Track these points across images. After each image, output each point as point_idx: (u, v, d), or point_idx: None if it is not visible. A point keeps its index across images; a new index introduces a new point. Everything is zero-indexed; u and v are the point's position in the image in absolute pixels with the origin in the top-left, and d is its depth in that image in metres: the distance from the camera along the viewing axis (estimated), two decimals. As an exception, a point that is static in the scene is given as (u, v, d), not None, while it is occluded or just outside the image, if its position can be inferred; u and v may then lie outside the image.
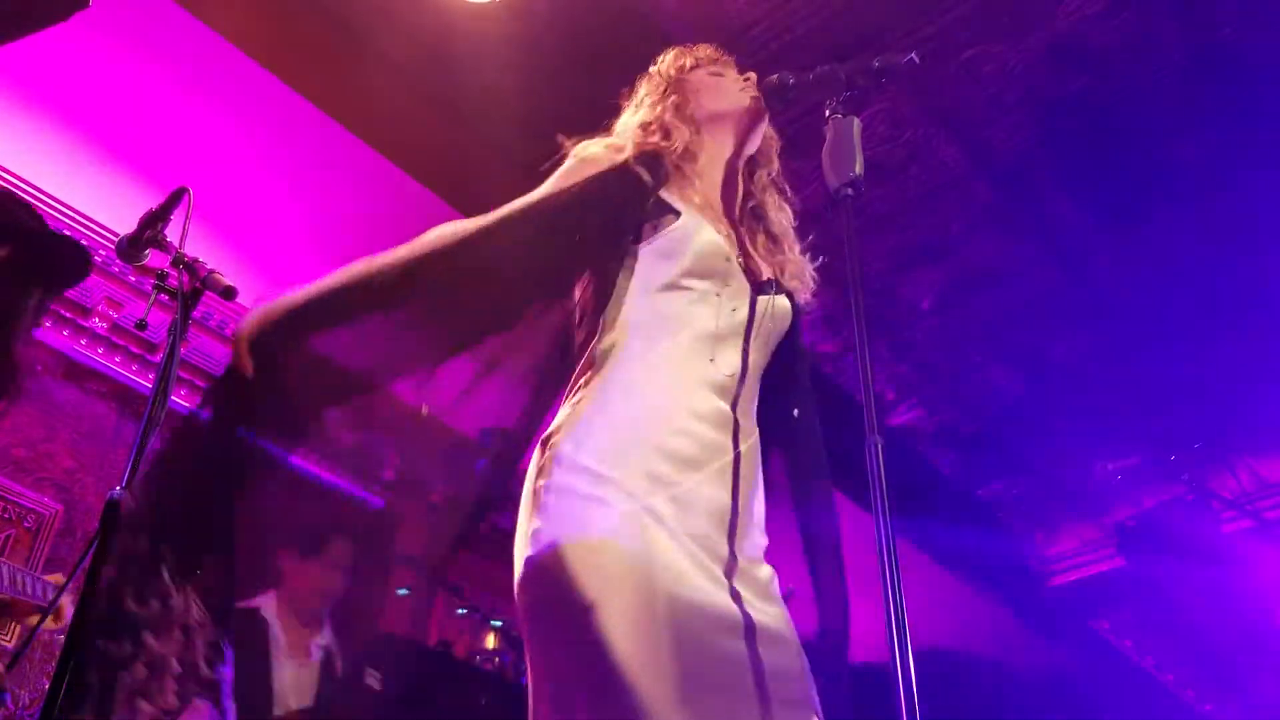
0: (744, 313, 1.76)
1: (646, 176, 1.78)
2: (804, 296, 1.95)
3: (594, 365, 1.70)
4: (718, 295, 1.74)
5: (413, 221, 4.27)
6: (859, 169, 1.67)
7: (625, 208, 1.75)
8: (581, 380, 1.72)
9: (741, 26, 3.56)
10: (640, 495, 1.52)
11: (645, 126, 1.90)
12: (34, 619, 2.46)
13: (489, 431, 5.61)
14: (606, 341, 1.71)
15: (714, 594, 1.51)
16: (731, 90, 1.97)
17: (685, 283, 1.72)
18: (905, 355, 5.05)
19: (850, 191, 1.67)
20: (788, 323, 1.85)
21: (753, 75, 2.01)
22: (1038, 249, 4.45)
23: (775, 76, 1.91)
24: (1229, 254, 4.34)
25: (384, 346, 1.74)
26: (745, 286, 1.79)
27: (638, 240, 1.75)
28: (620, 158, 1.81)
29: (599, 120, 2.08)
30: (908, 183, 4.18)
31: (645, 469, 1.55)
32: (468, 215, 4.20)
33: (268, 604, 3.41)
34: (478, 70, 3.57)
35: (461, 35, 3.46)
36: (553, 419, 1.72)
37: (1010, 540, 6.20)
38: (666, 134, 1.88)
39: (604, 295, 1.71)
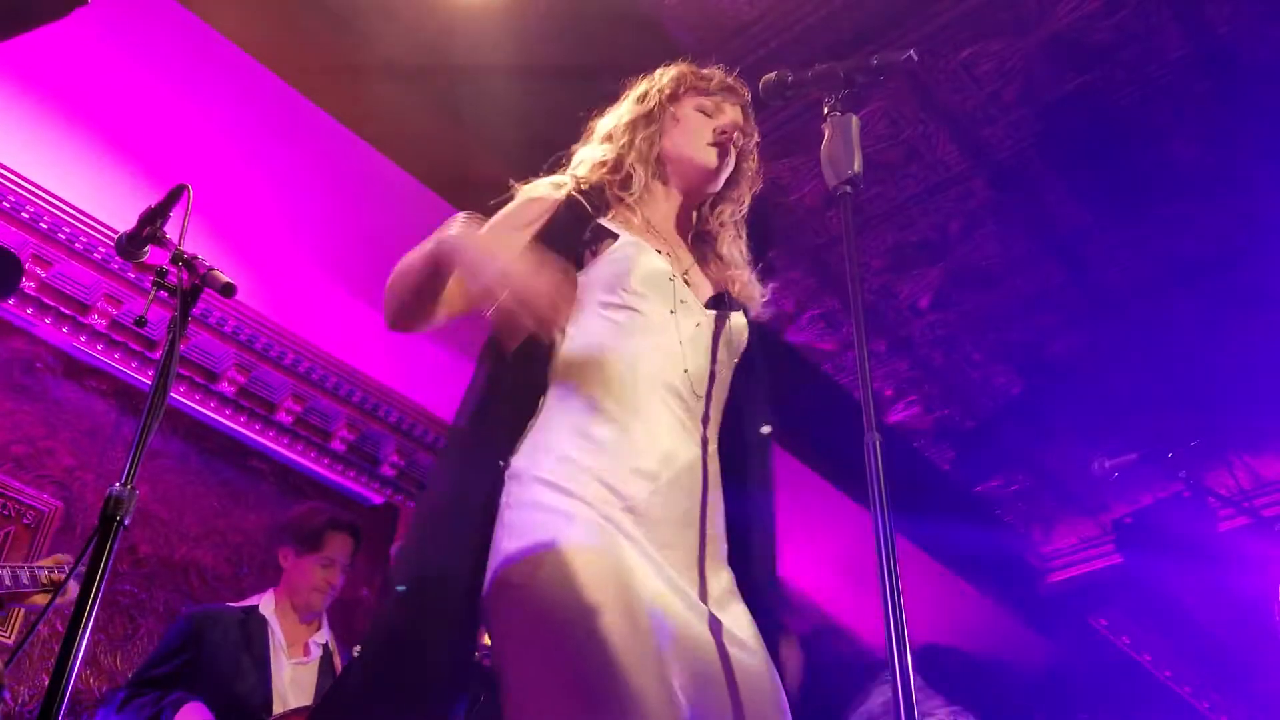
0: (694, 328, 1.78)
1: (586, 205, 1.83)
2: (755, 311, 1.95)
3: (545, 386, 1.72)
4: (671, 313, 1.76)
5: (412, 219, 4.29)
6: (858, 167, 1.67)
7: (566, 235, 1.79)
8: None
9: (740, 25, 3.56)
10: (598, 505, 1.54)
11: (598, 163, 1.93)
12: (39, 598, 2.51)
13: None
14: (555, 363, 1.73)
15: (682, 609, 1.53)
16: (703, 140, 1.95)
17: (631, 302, 1.74)
18: (903, 353, 5.06)
19: (849, 189, 1.67)
20: (744, 336, 1.86)
21: (731, 127, 1.97)
22: (1036, 247, 4.45)
23: (774, 74, 1.91)
24: (1228, 251, 4.35)
25: None
26: (694, 304, 1.81)
27: (580, 267, 1.78)
28: (562, 193, 1.86)
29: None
30: (906, 181, 4.18)
31: (601, 481, 1.57)
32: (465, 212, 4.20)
33: (266, 602, 3.41)
34: (477, 68, 3.57)
35: (461, 33, 3.46)
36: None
37: (1008, 537, 6.21)
38: (616, 168, 1.92)
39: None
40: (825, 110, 1.77)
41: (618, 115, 2.01)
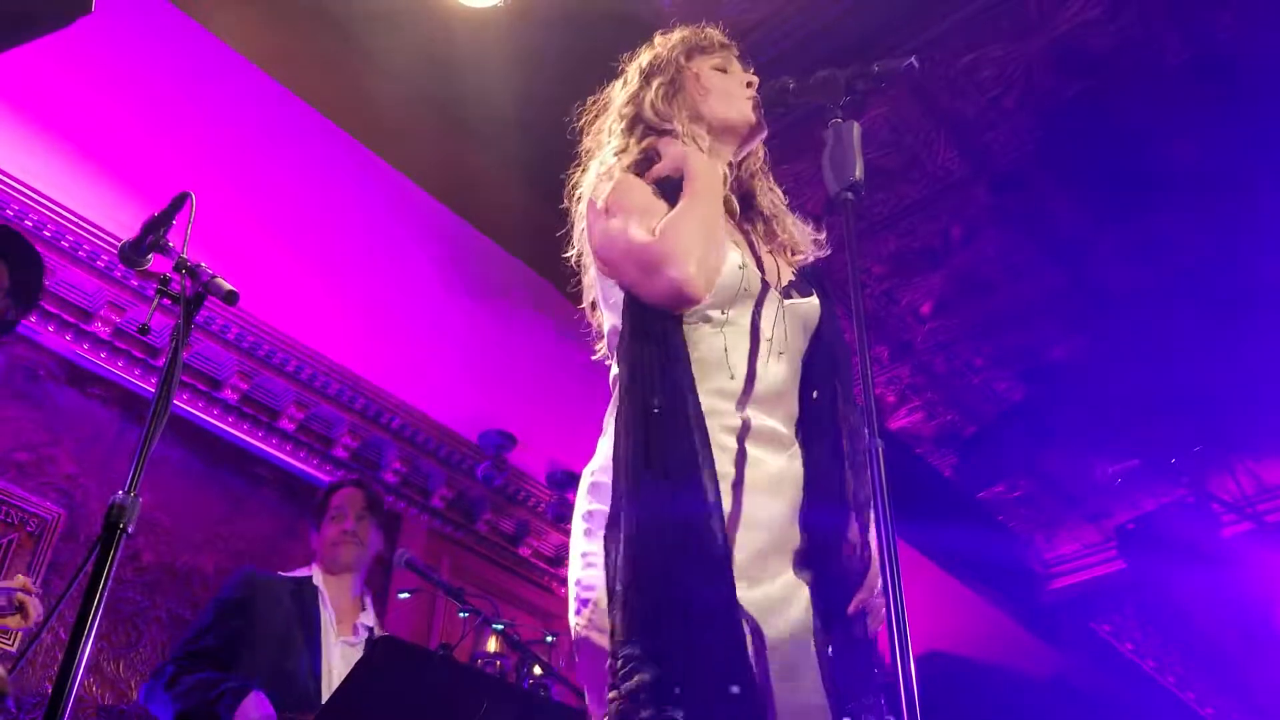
0: (761, 323, 1.74)
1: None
2: (815, 256, 1.95)
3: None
4: (728, 313, 1.72)
5: (414, 226, 4.32)
6: (859, 173, 1.67)
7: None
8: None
9: (741, 31, 3.55)
10: None
11: (636, 143, 1.88)
12: (10, 620, 2.47)
13: (488, 434, 5.65)
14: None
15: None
16: (737, 96, 1.94)
17: (708, 311, 1.70)
18: (905, 359, 5.06)
19: (850, 196, 1.67)
20: (815, 318, 1.82)
21: (755, 79, 2.01)
22: (1037, 252, 4.45)
23: (775, 81, 1.91)
24: (1229, 257, 4.35)
25: None
26: (762, 293, 1.77)
27: None
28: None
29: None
30: (908, 187, 4.19)
31: None
32: (468, 220, 4.23)
33: (315, 573, 3.40)
34: (478, 75, 3.58)
35: (462, 40, 3.47)
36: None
37: (1011, 543, 6.20)
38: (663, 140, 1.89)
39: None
40: (827, 117, 1.78)
41: (637, 96, 1.96)
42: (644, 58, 2.03)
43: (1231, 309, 4.56)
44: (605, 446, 1.67)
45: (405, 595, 4.42)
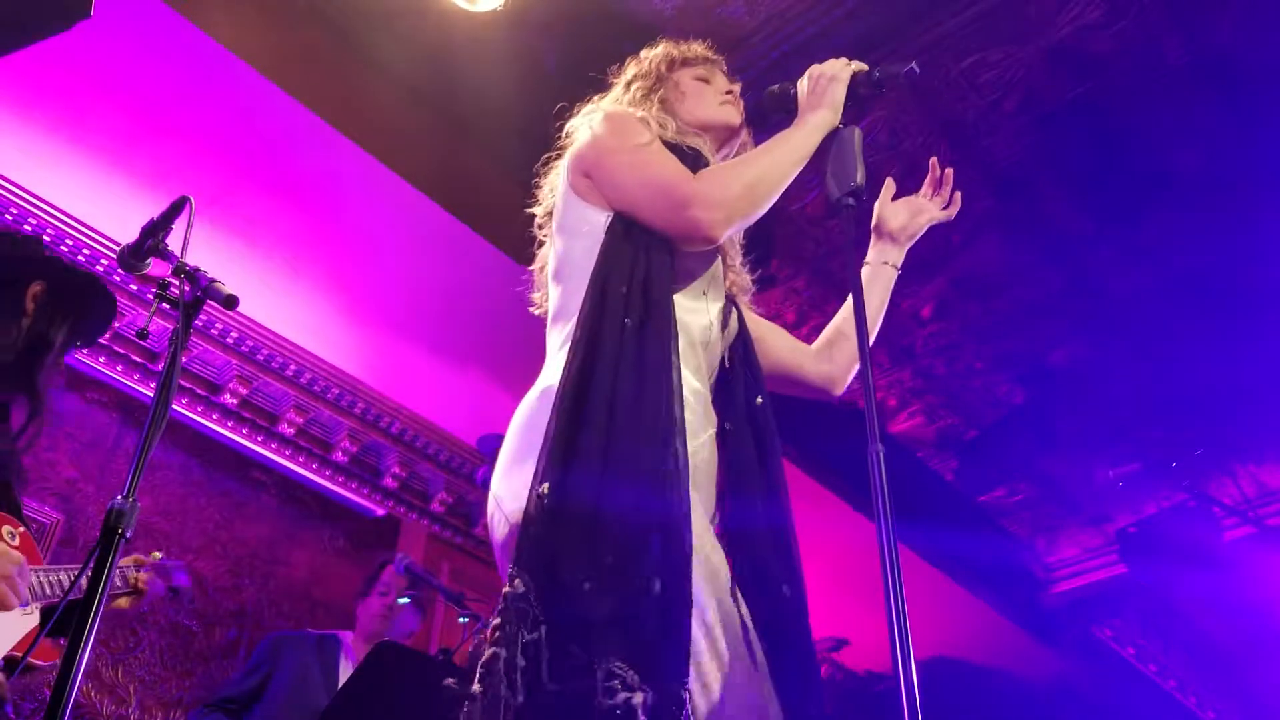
0: (718, 313, 1.80)
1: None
2: (746, 300, 1.97)
3: None
4: (704, 293, 1.77)
5: (413, 228, 4.31)
6: (860, 179, 1.67)
7: None
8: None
9: (742, 36, 3.57)
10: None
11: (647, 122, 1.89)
12: (121, 601, 2.50)
13: (487, 439, 5.64)
14: None
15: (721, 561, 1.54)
16: (712, 99, 1.98)
17: (685, 269, 1.73)
18: (906, 363, 5.06)
19: (851, 201, 1.67)
20: (735, 334, 1.86)
21: (735, 88, 2.01)
22: (1037, 256, 4.45)
23: (776, 86, 1.92)
24: (1229, 260, 4.35)
25: None
26: (722, 289, 1.83)
27: None
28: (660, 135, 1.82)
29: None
30: (908, 191, 4.17)
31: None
32: (467, 223, 4.22)
33: (344, 634, 3.74)
34: (477, 79, 3.58)
35: (462, 45, 3.46)
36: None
37: (1012, 547, 6.20)
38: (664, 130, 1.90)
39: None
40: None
41: (624, 90, 2.00)
42: (628, 71, 2.06)
43: (1232, 311, 4.55)
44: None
45: (405, 600, 4.41)
